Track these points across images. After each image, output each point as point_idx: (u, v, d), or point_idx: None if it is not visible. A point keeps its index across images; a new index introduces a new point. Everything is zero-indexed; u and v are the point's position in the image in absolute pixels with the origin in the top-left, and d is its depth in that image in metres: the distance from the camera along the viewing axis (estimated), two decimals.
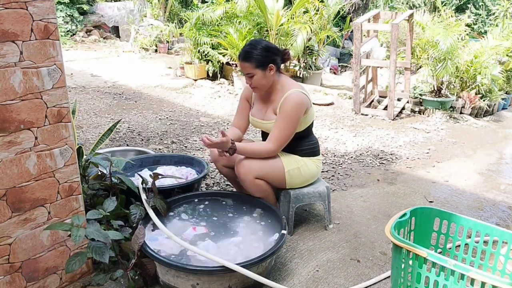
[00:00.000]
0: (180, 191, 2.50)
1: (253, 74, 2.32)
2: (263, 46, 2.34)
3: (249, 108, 2.60)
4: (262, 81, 2.35)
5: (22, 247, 1.76)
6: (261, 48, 2.32)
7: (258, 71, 2.32)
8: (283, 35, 6.96)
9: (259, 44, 2.34)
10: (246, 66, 2.33)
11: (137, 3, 9.93)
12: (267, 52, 2.33)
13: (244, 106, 2.61)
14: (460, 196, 3.29)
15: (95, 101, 5.50)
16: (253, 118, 2.54)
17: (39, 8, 1.63)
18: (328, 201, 2.62)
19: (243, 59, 2.33)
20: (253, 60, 2.30)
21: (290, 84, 2.41)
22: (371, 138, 4.65)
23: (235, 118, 2.64)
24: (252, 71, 2.32)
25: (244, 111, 2.61)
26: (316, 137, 2.59)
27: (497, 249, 1.95)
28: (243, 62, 2.33)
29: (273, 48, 2.38)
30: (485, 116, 5.85)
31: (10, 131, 1.63)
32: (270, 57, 2.34)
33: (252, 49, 2.31)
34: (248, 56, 2.31)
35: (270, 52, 2.35)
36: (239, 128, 2.60)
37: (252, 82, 2.36)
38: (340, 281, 2.17)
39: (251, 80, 2.35)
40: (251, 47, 2.33)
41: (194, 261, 1.95)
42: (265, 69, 2.33)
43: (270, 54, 2.34)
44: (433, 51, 5.50)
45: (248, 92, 2.57)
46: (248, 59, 2.31)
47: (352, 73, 6.09)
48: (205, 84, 6.84)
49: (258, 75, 2.33)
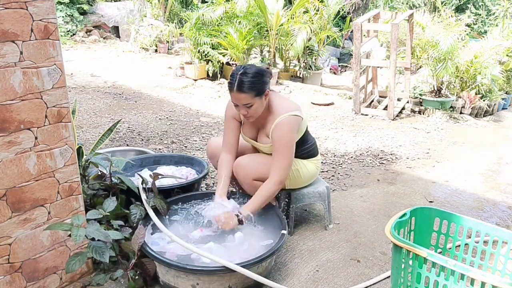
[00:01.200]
0: (180, 191, 2.49)
1: (252, 104, 2.14)
2: (257, 71, 2.15)
3: (239, 127, 2.42)
4: (259, 109, 2.19)
5: (22, 247, 1.76)
6: (255, 74, 2.13)
7: (256, 99, 2.14)
8: (283, 35, 6.96)
9: (251, 70, 2.14)
10: (243, 97, 2.11)
11: (137, 3, 9.92)
12: (262, 77, 2.15)
13: (233, 125, 2.39)
14: (460, 196, 3.29)
15: (95, 101, 5.50)
16: (246, 138, 2.43)
17: (39, 8, 1.63)
18: (328, 201, 2.62)
19: (239, 90, 2.10)
20: (251, 89, 2.10)
21: (278, 107, 2.25)
22: (371, 138, 4.65)
23: (226, 141, 2.40)
24: (251, 101, 2.13)
25: (234, 131, 2.40)
26: (313, 138, 2.56)
27: (497, 249, 1.95)
28: (239, 93, 2.10)
29: (264, 71, 2.20)
30: (485, 116, 5.85)
31: (10, 131, 1.63)
32: (265, 82, 2.17)
33: (247, 77, 2.10)
34: (244, 86, 2.09)
35: (264, 76, 2.17)
36: (231, 153, 2.39)
37: (249, 112, 2.16)
38: (340, 281, 2.17)
39: (248, 110, 2.15)
40: (245, 75, 2.10)
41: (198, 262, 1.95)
42: (262, 96, 2.17)
43: (265, 78, 2.17)
44: (433, 51, 5.50)
45: (234, 111, 2.33)
46: (245, 89, 2.10)
47: (352, 73, 6.08)
48: (205, 84, 6.84)
49: (256, 104, 2.15)
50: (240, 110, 2.20)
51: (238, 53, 6.61)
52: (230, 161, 2.38)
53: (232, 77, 2.14)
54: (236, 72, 2.15)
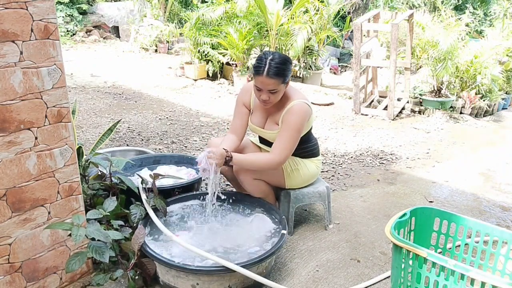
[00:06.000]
0: (180, 191, 2.49)
1: (277, 90, 2.17)
2: (285, 58, 2.20)
3: (247, 113, 2.47)
4: (279, 97, 2.22)
5: (22, 247, 1.76)
6: (285, 60, 2.18)
7: (282, 86, 2.18)
8: (283, 35, 6.95)
9: (281, 56, 2.18)
10: (271, 83, 2.14)
11: (137, 3, 9.92)
12: (289, 64, 2.20)
13: (243, 111, 2.45)
14: (460, 196, 3.29)
15: (95, 101, 5.50)
16: (253, 126, 2.45)
17: (39, 8, 1.63)
18: (328, 201, 2.62)
19: (268, 75, 2.12)
20: (280, 75, 2.14)
21: (292, 94, 2.30)
22: (371, 138, 4.65)
23: (233, 124, 2.47)
24: (277, 87, 2.16)
25: (243, 117, 2.45)
26: (315, 138, 2.57)
27: (497, 249, 1.95)
28: (268, 78, 2.13)
29: (290, 59, 2.24)
30: (485, 116, 5.84)
31: (10, 131, 1.63)
32: (291, 70, 2.21)
33: (277, 63, 2.14)
34: (275, 72, 2.13)
35: (290, 63, 2.22)
36: (237, 135, 2.42)
37: (271, 98, 2.19)
38: (340, 281, 2.17)
39: (271, 96, 2.17)
40: (274, 61, 2.14)
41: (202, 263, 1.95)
42: (285, 84, 2.22)
43: (290, 66, 2.21)
44: (433, 51, 5.50)
45: (246, 98, 2.43)
46: (274, 74, 2.13)
47: (352, 73, 6.08)
48: (205, 84, 6.84)
49: (281, 90, 2.19)
50: (262, 96, 2.19)
51: (238, 53, 6.61)
52: (235, 140, 2.40)
53: (261, 61, 2.15)
54: (264, 56, 2.17)
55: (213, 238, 2.12)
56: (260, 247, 2.08)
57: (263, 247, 2.07)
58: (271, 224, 2.26)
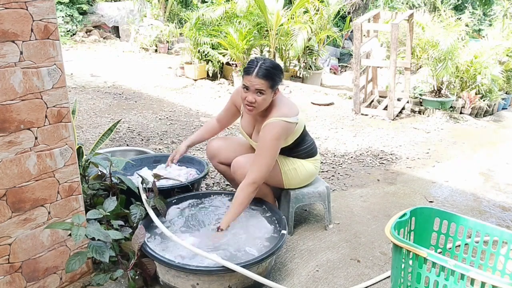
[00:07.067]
0: (180, 191, 2.49)
1: (264, 93, 2.19)
2: (277, 64, 2.25)
3: (235, 112, 2.56)
4: (264, 103, 2.23)
5: (22, 247, 1.76)
6: (276, 66, 2.23)
7: (269, 91, 2.20)
8: (283, 35, 6.96)
9: (272, 62, 2.25)
10: (261, 83, 2.17)
11: (137, 3, 9.92)
12: (279, 71, 2.25)
13: (232, 109, 2.56)
14: (460, 196, 3.29)
15: (95, 101, 5.50)
16: (242, 131, 2.49)
17: (39, 8, 1.63)
18: (328, 201, 2.62)
19: (257, 75, 2.17)
20: (269, 78, 2.18)
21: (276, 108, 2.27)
22: (371, 138, 4.65)
23: (220, 114, 2.66)
24: (265, 89, 2.18)
25: (229, 112, 2.59)
26: (312, 139, 2.55)
27: (497, 249, 1.95)
28: (259, 78, 2.16)
29: (281, 68, 2.29)
30: (485, 116, 5.85)
31: (10, 131, 1.63)
32: (280, 77, 2.26)
33: (274, 69, 2.20)
34: (264, 73, 2.16)
35: (281, 71, 2.27)
36: (220, 123, 2.66)
37: (257, 100, 2.19)
38: (340, 281, 2.17)
39: (257, 98, 2.19)
40: (273, 65, 2.21)
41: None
42: (273, 91, 2.23)
43: (281, 74, 2.26)
44: (433, 51, 5.50)
45: (237, 99, 2.44)
46: (263, 75, 2.16)
47: (352, 73, 6.09)
48: (205, 84, 6.84)
49: (267, 95, 2.20)
50: (248, 97, 2.20)
51: (238, 53, 6.61)
52: (215, 127, 2.68)
53: (252, 63, 2.22)
54: (256, 59, 2.25)
55: (212, 238, 2.12)
56: (260, 247, 2.08)
57: (263, 247, 2.07)
58: (271, 224, 2.26)
